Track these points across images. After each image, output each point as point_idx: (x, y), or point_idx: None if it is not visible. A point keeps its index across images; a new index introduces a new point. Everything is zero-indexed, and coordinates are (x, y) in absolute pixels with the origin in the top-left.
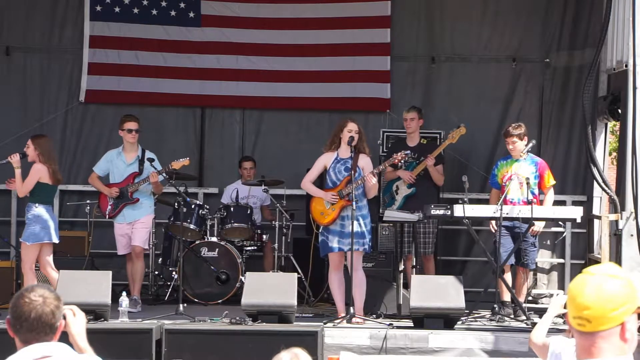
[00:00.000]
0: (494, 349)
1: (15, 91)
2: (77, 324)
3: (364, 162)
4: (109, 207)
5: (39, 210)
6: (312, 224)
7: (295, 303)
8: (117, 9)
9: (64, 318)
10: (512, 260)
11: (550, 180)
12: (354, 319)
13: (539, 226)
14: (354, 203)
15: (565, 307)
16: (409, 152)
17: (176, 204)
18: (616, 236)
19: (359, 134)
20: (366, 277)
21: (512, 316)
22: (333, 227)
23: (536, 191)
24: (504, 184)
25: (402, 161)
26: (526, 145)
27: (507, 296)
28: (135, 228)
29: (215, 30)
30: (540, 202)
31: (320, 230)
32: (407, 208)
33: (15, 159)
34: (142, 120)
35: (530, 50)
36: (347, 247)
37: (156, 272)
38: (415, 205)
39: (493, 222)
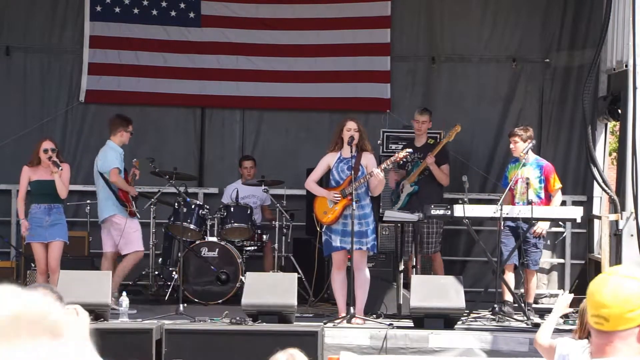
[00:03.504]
0: (493, 349)
1: (15, 91)
2: (80, 323)
3: (367, 160)
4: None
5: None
6: (315, 223)
7: (296, 303)
8: (117, 9)
9: None
10: (516, 260)
11: (556, 183)
12: (354, 319)
13: (541, 227)
14: (354, 203)
15: (570, 307)
16: (410, 150)
17: (176, 204)
18: (616, 236)
19: (359, 132)
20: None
21: (513, 315)
22: (336, 226)
23: (542, 195)
24: (512, 187)
25: (406, 159)
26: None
27: (507, 296)
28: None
29: (215, 30)
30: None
31: (323, 230)
32: (410, 206)
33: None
34: (142, 120)
35: (530, 50)
36: (349, 246)
37: (156, 272)
38: (418, 204)
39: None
